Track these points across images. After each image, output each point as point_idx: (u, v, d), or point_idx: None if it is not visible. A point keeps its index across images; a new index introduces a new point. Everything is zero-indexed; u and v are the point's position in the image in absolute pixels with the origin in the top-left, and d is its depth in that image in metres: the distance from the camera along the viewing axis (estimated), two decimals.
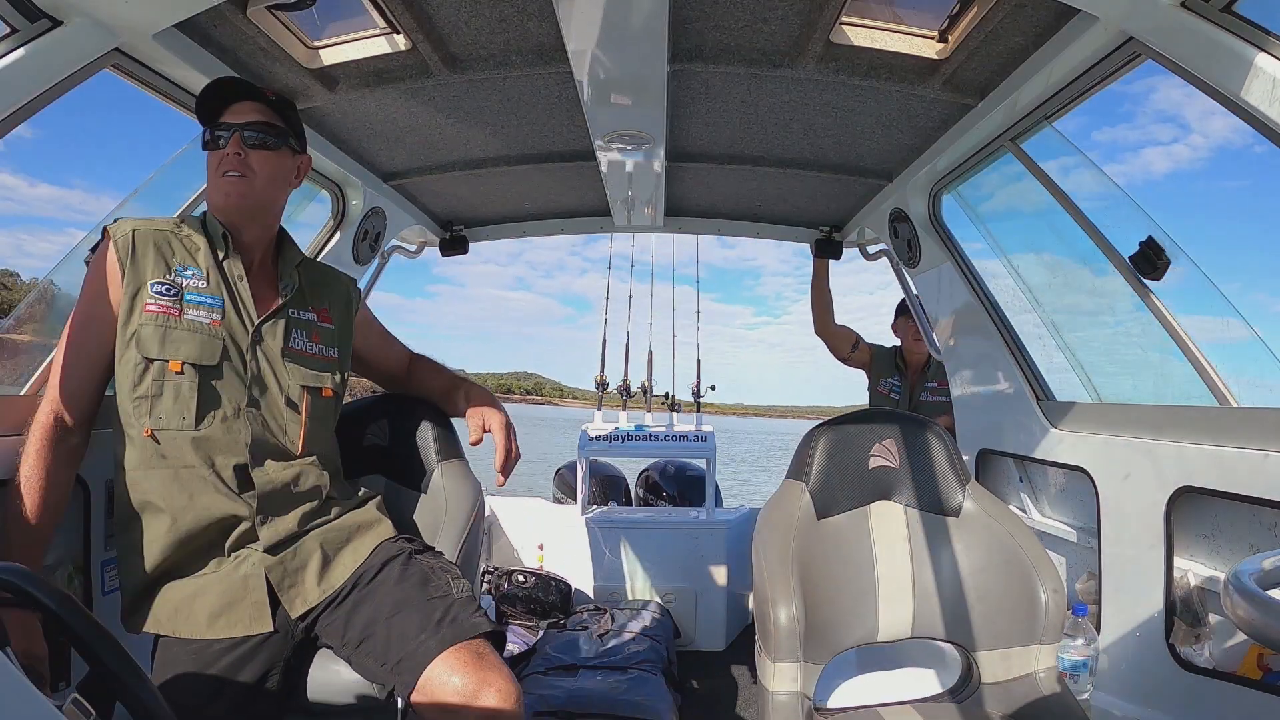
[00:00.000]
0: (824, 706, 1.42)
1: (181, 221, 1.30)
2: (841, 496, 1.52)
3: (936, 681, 1.52)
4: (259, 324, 1.28)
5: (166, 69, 1.40)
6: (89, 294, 1.21)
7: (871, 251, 3.03)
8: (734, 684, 2.80)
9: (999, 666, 1.42)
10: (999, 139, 1.80)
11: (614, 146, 2.01)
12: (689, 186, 2.64)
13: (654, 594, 3.17)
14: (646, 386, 3.72)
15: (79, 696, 0.63)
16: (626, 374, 3.84)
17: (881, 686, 1.63)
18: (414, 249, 3.11)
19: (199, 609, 1.16)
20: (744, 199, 2.78)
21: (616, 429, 3.40)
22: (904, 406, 3.08)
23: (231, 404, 1.22)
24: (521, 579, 3.05)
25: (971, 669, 1.44)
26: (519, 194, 2.74)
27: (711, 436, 3.40)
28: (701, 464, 3.68)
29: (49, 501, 1.15)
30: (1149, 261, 1.53)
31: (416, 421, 1.62)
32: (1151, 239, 1.52)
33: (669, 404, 3.63)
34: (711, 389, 3.90)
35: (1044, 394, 2.04)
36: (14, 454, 1.17)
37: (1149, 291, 1.57)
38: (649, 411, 3.63)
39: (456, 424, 1.65)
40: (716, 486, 3.61)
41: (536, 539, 3.38)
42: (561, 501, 3.82)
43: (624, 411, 3.64)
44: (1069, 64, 1.42)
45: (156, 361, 1.17)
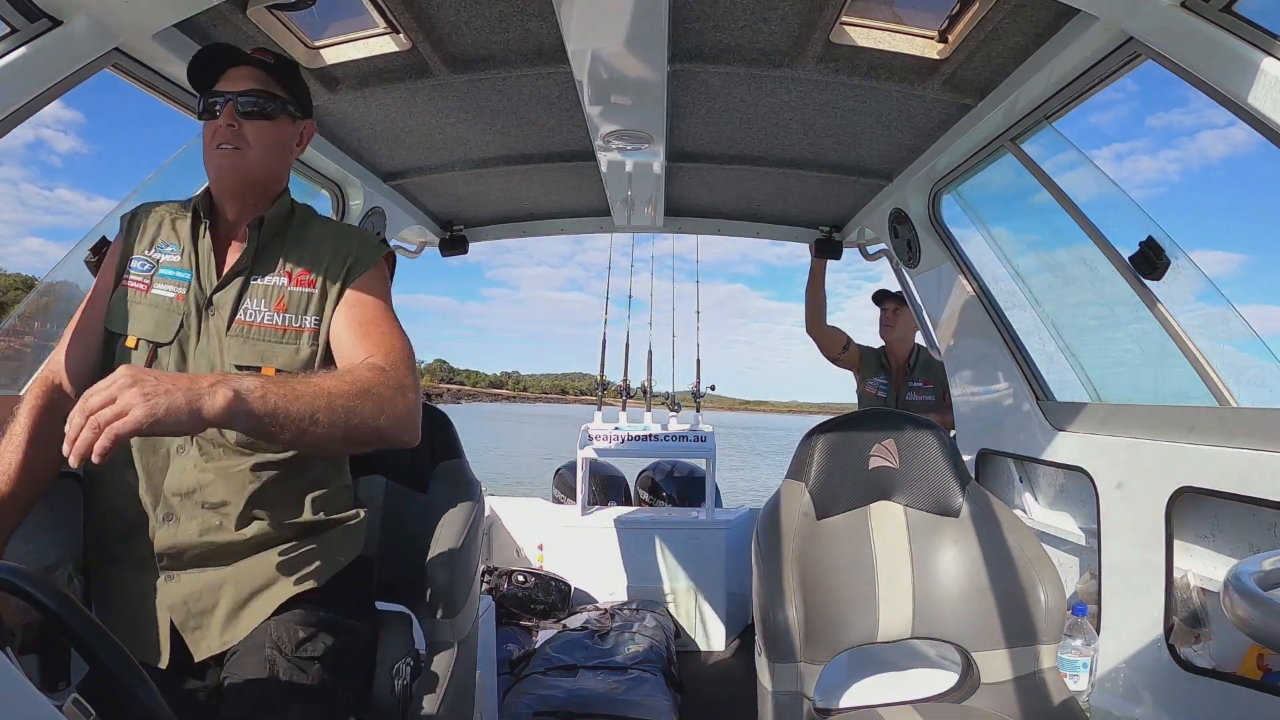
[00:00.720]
0: (824, 706, 1.42)
1: (188, 202, 1.24)
2: (841, 497, 1.52)
3: (936, 681, 1.52)
4: (210, 294, 1.16)
5: (166, 69, 1.39)
6: (100, 273, 1.22)
7: (871, 251, 3.03)
8: (734, 684, 2.80)
9: (999, 666, 1.42)
10: (999, 139, 1.80)
11: (614, 146, 2.01)
12: (689, 186, 2.64)
13: (654, 594, 3.17)
14: (646, 386, 3.73)
15: (79, 696, 0.63)
16: (626, 373, 3.85)
17: (881, 686, 1.63)
18: (414, 249, 3.11)
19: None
20: (744, 199, 2.78)
21: (616, 429, 3.40)
22: (890, 404, 3.15)
23: None
24: (521, 579, 3.05)
25: (971, 669, 1.44)
26: (519, 194, 2.74)
27: (711, 437, 3.40)
28: (701, 464, 3.69)
29: (29, 458, 1.07)
30: (1149, 261, 1.53)
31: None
32: (1151, 239, 1.52)
33: (669, 404, 3.64)
34: (711, 389, 3.93)
35: (1044, 394, 2.04)
36: None
37: (1149, 291, 1.57)
38: (648, 411, 3.63)
39: (456, 423, 1.64)
40: (716, 487, 3.62)
41: (536, 539, 3.38)
42: (561, 501, 3.82)
43: (624, 411, 3.65)
44: (1069, 64, 1.42)
45: (116, 335, 1.14)
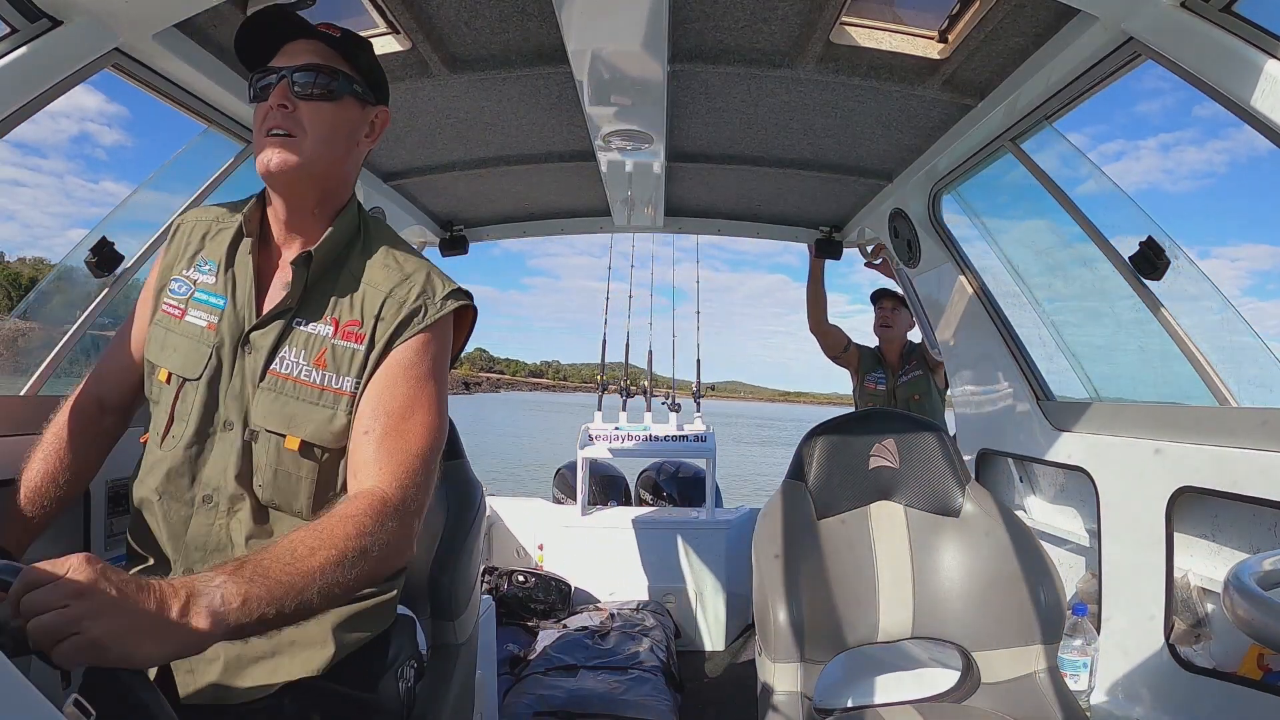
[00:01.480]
0: (824, 706, 1.42)
1: (239, 205, 1.10)
2: (841, 496, 1.52)
3: (936, 681, 1.52)
4: (247, 332, 1.01)
5: (166, 69, 1.39)
6: (146, 285, 1.14)
7: (871, 251, 3.04)
8: (734, 684, 2.80)
9: (999, 666, 1.42)
10: (999, 139, 1.80)
11: (614, 146, 2.00)
12: (689, 186, 2.64)
13: (654, 594, 3.18)
14: (647, 386, 3.73)
15: (79, 697, 0.63)
16: (626, 373, 3.85)
17: (881, 686, 1.63)
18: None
19: None
20: (744, 199, 2.78)
21: (616, 428, 3.40)
22: (888, 393, 3.24)
23: (195, 427, 0.99)
24: (521, 579, 3.05)
25: (971, 669, 1.44)
26: (519, 194, 2.74)
27: (711, 437, 3.41)
28: (701, 464, 3.69)
29: (58, 470, 1.04)
30: (1149, 261, 1.53)
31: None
32: (1151, 239, 1.52)
33: (669, 403, 3.64)
34: (711, 389, 3.94)
35: (1044, 394, 2.04)
36: (13, 454, 1.17)
37: (1149, 291, 1.57)
38: (648, 411, 3.64)
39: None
40: (717, 486, 3.62)
41: (536, 539, 3.38)
42: (562, 501, 3.82)
43: (624, 411, 3.65)
44: (1069, 64, 1.42)
45: (154, 366, 1.04)
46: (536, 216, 3.05)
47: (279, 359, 1.00)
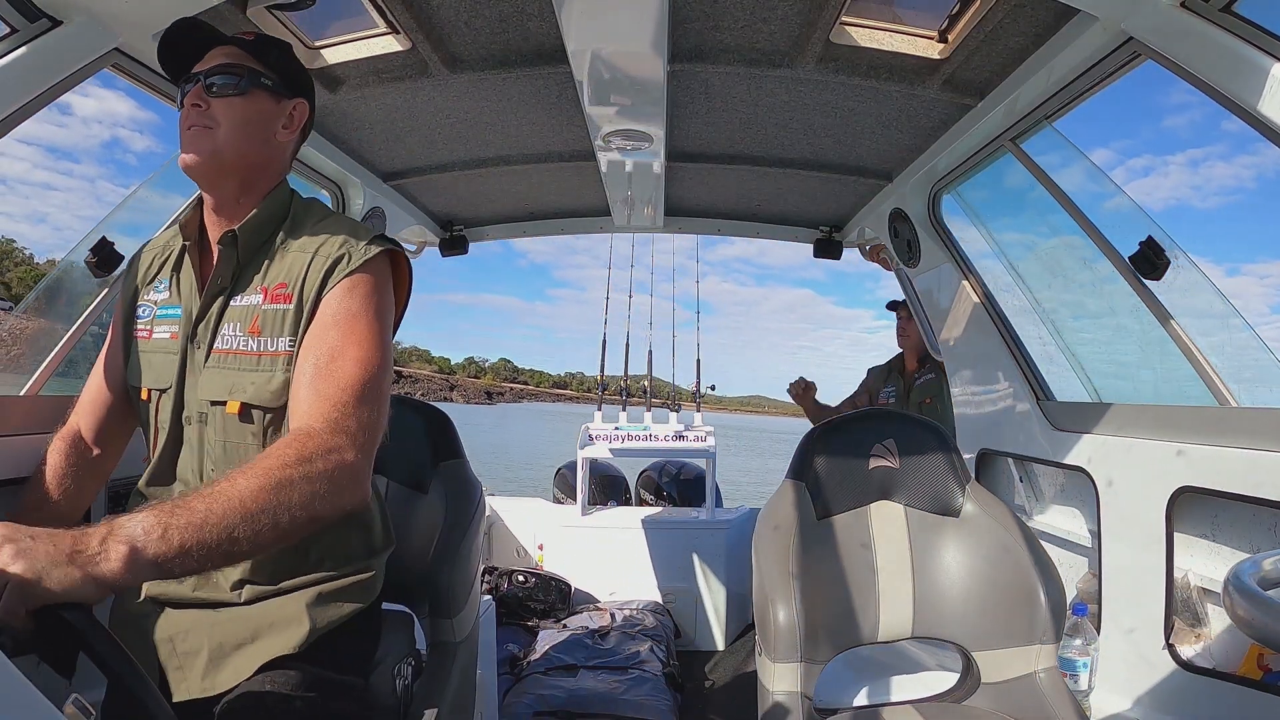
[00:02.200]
0: (824, 706, 1.42)
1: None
2: (842, 496, 1.52)
3: (936, 681, 1.52)
4: (194, 325, 1.05)
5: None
6: (113, 319, 1.17)
7: (869, 251, 3.04)
8: (734, 684, 2.80)
9: (999, 666, 1.42)
10: (999, 139, 1.80)
11: (614, 146, 2.01)
12: (689, 186, 2.64)
13: (654, 594, 3.18)
14: (647, 386, 3.74)
15: (79, 697, 0.63)
16: (626, 375, 3.85)
17: (881, 686, 1.63)
18: (414, 249, 3.12)
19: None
20: (744, 199, 2.78)
21: (617, 429, 3.40)
22: (899, 404, 3.16)
23: (169, 430, 1.05)
24: (521, 579, 3.05)
25: (971, 669, 1.44)
26: (519, 194, 2.74)
27: (711, 437, 3.41)
28: (702, 464, 3.69)
29: (47, 504, 1.07)
30: (1149, 261, 1.53)
31: (417, 421, 1.62)
32: (1151, 239, 1.52)
33: (669, 403, 3.64)
34: (711, 389, 3.95)
35: (1044, 394, 2.04)
36: (13, 454, 1.17)
37: (1149, 291, 1.57)
38: (648, 410, 3.64)
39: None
40: (716, 486, 3.62)
41: (536, 539, 3.38)
42: (563, 501, 3.82)
43: (624, 411, 3.65)
44: (1069, 64, 1.42)
45: (136, 390, 1.09)
46: (536, 216, 3.06)
47: (220, 336, 1.04)
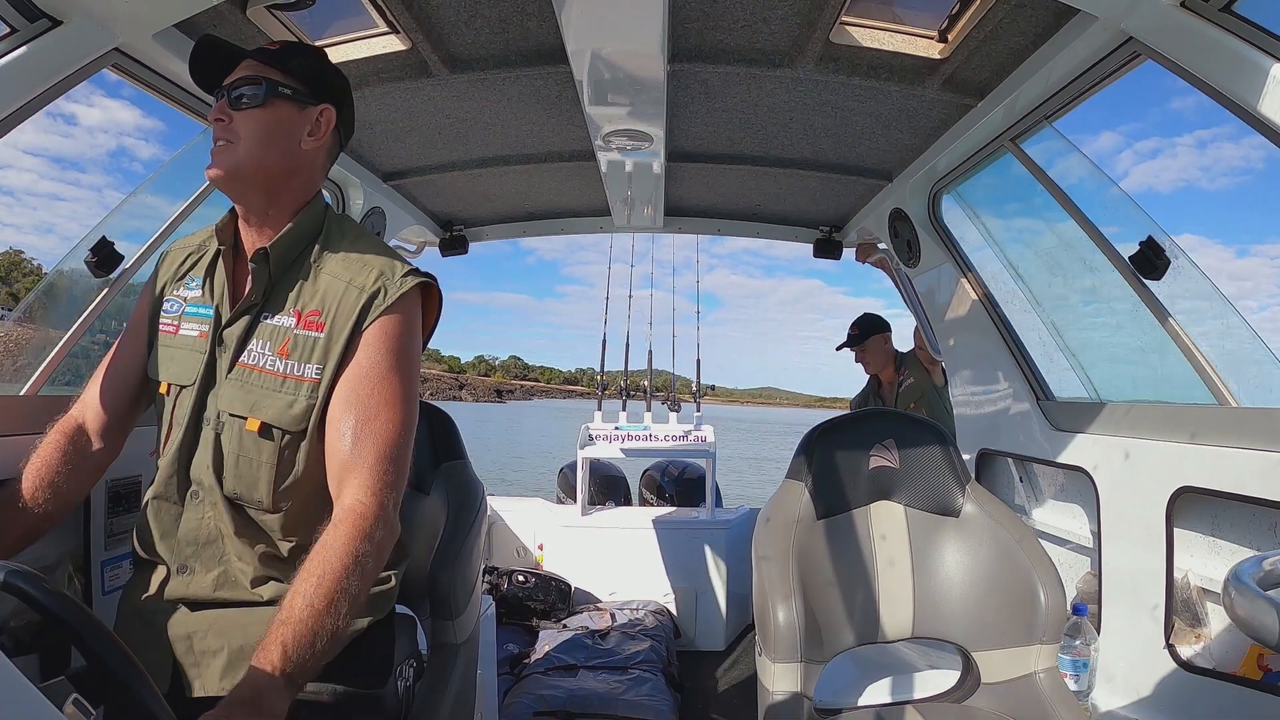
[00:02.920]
0: (824, 706, 1.42)
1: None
2: (842, 496, 1.52)
3: (936, 681, 1.52)
4: (220, 330, 1.07)
5: (166, 69, 1.39)
6: (134, 312, 1.18)
7: (860, 250, 3.05)
8: (734, 684, 2.80)
9: (999, 666, 1.42)
10: (999, 139, 1.80)
11: (614, 146, 2.01)
12: (689, 186, 2.64)
13: (654, 594, 3.18)
14: (646, 385, 3.74)
15: (79, 696, 0.63)
16: (626, 372, 3.86)
17: (881, 686, 1.63)
18: (414, 249, 3.12)
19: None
20: (744, 199, 2.78)
21: (617, 428, 3.40)
22: None
23: (185, 428, 1.06)
24: (522, 579, 3.05)
25: (971, 669, 1.44)
26: (519, 194, 2.74)
27: (711, 437, 3.41)
28: (703, 464, 3.69)
29: (39, 492, 1.05)
30: (1149, 261, 1.53)
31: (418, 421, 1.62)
32: (1151, 239, 1.52)
33: (669, 402, 3.65)
34: (711, 389, 3.96)
35: (1044, 394, 2.04)
36: (12, 454, 1.17)
37: (1149, 291, 1.57)
38: (648, 410, 3.64)
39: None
40: (717, 486, 3.62)
41: (537, 539, 3.38)
42: (565, 501, 3.82)
43: (623, 411, 3.65)
44: (1069, 64, 1.42)
45: (156, 383, 1.10)
46: (536, 216, 3.06)
47: (246, 351, 1.05)
